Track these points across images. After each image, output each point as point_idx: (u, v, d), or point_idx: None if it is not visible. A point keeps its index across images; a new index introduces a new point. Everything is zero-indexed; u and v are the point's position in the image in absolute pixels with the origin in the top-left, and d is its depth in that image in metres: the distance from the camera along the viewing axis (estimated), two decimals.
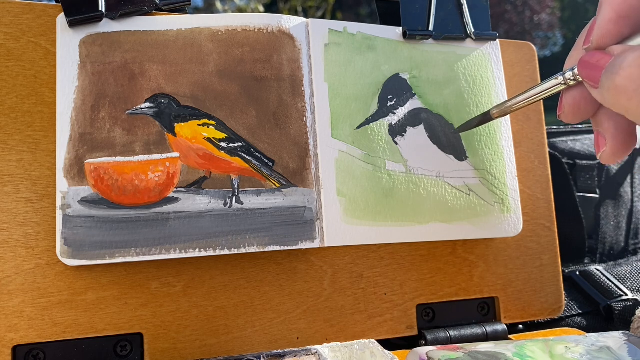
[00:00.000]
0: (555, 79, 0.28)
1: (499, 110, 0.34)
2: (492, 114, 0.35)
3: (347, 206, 0.35)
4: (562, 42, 6.90)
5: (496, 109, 0.35)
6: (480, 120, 0.37)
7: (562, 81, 0.28)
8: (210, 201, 0.33)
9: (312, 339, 0.36)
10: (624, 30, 0.25)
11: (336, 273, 0.37)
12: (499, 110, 0.34)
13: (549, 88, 0.29)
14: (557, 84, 0.28)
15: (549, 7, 6.83)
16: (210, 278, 0.35)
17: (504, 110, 0.34)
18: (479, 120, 0.37)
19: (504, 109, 0.34)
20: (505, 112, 0.34)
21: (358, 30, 0.38)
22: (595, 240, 0.62)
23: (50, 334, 0.32)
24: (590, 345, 0.31)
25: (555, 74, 0.29)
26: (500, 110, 0.34)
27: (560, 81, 0.28)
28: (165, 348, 0.33)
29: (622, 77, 0.23)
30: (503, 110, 0.34)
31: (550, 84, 0.29)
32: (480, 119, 0.37)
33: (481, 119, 0.37)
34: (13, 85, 0.32)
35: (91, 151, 0.32)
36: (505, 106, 0.34)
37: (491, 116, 0.35)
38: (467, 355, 0.29)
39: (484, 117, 0.36)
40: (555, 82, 0.29)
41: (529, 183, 0.42)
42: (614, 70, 0.23)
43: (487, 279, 0.41)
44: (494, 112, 0.35)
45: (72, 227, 0.31)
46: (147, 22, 0.34)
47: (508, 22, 6.75)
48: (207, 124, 0.34)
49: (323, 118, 0.36)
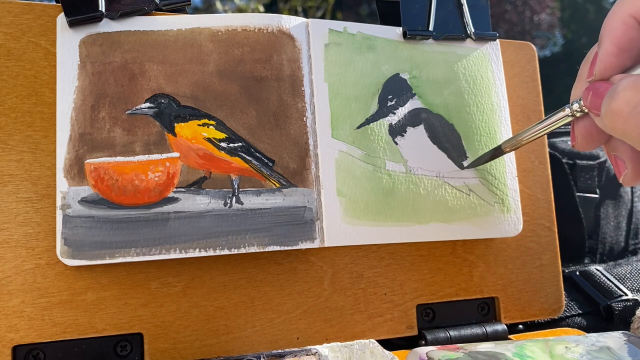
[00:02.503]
0: (563, 111, 0.30)
1: (510, 144, 0.36)
2: (504, 148, 0.36)
3: (347, 206, 0.35)
4: (562, 42, 6.90)
5: (507, 143, 0.36)
6: (492, 154, 0.38)
7: (570, 113, 0.29)
8: (210, 201, 0.33)
9: (312, 339, 0.36)
10: (625, 62, 0.26)
11: (336, 273, 0.37)
12: (510, 144, 0.36)
13: (557, 120, 0.31)
14: (565, 116, 0.30)
15: (549, 7, 6.83)
16: (210, 278, 0.35)
17: (515, 144, 0.35)
18: (490, 155, 0.38)
19: (514, 142, 0.35)
20: (516, 145, 0.35)
21: (358, 30, 0.38)
22: (595, 240, 0.62)
23: (50, 334, 0.32)
24: (590, 345, 0.31)
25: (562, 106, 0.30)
26: (511, 145, 0.35)
27: (567, 113, 0.29)
28: (165, 348, 0.33)
29: (617, 100, 0.24)
30: (514, 144, 0.35)
31: (558, 116, 0.30)
32: (492, 154, 0.38)
33: (493, 153, 0.37)
34: (13, 85, 0.32)
35: (91, 151, 0.32)
36: (516, 139, 0.35)
37: (502, 150, 0.36)
38: (467, 355, 0.29)
39: (495, 151, 0.37)
40: (563, 115, 0.30)
41: (529, 183, 0.42)
42: (611, 95, 0.24)
43: (487, 279, 0.41)
44: (505, 147, 0.36)
45: (72, 227, 0.31)
46: (147, 22, 0.34)
47: (508, 22, 6.74)
48: (207, 124, 0.34)
49: (323, 118, 0.36)
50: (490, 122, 0.40)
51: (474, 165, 0.39)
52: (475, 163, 0.39)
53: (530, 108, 0.43)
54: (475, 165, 0.39)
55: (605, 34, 0.26)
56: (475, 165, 0.39)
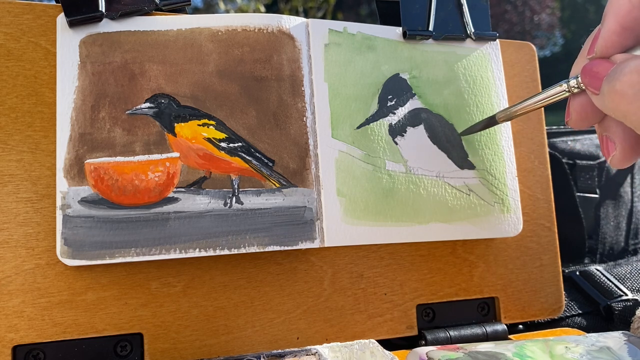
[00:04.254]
0: (560, 86, 0.29)
1: (504, 114, 0.35)
2: (498, 118, 0.35)
3: (347, 206, 0.35)
4: (562, 42, 6.90)
5: (502, 113, 0.35)
6: (485, 124, 0.37)
7: (567, 88, 0.29)
8: (210, 201, 0.33)
9: (312, 339, 0.36)
10: (627, 42, 0.26)
11: (336, 273, 0.37)
12: (504, 115, 0.35)
13: (553, 95, 0.30)
14: (562, 91, 0.29)
15: (549, 7, 6.83)
16: (210, 278, 0.35)
17: (509, 115, 0.35)
18: (484, 124, 0.37)
19: (508, 113, 0.34)
20: (510, 116, 0.35)
21: (358, 30, 0.38)
22: (595, 240, 0.62)
23: (50, 334, 0.32)
24: (590, 345, 0.31)
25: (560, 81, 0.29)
26: (506, 115, 0.35)
27: (564, 88, 0.29)
28: (165, 348, 0.33)
29: (622, 82, 0.24)
30: (508, 114, 0.35)
31: (554, 90, 0.30)
32: (485, 123, 0.37)
33: (486, 122, 0.37)
34: (13, 85, 0.32)
35: (91, 151, 0.32)
36: (510, 111, 0.34)
37: (496, 120, 0.36)
38: (467, 355, 0.29)
39: (489, 120, 0.37)
40: (560, 89, 0.29)
41: (529, 183, 0.42)
42: (615, 76, 0.24)
43: (487, 279, 0.41)
44: (499, 116, 0.35)
45: (72, 227, 0.31)
46: (147, 22, 0.34)
47: (508, 22, 6.75)
48: (207, 124, 0.34)
49: (323, 118, 0.36)
50: None
51: (466, 133, 0.38)
52: (468, 131, 0.38)
53: None
54: (468, 133, 0.38)
55: (610, 11, 0.25)
56: (467, 133, 0.38)
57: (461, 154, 0.39)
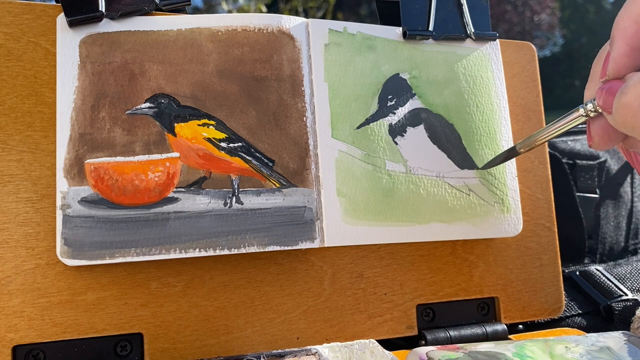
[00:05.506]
0: (577, 111, 0.29)
1: (524, 144, 0.35)
2: (518, 149, 0.36)
3: (347, 206, 0.35)
4: (562, 42, 6.90)
5: (521, 144, 0.35)
6: (506, 155, 0.37)
7: (584, 113, 0.29)
8: (210, 201, 0.33)
9: (312, 339, 0.36)
10: (638, 62, 0.26)
11: (336, 273, 0.37)
12: (525, 145, 0.35)
13: (571, 120, 0.30)
14: (579, 116, 0.29)
15: (549, 7, 6.83)
16: (210, 278, 0.35)
17: (529, 144, 0.35)
18: (504, 156, 0.37)
19: (529, 143, 0.35)
20: (531, 146, 0.35)
21: (358, 30, 0.38)
22: (595, 240, 0.62)
23: (50, 334, 0.32)
24: (590, 345, 0.31)
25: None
26: (526, 145, 0.35)
27: (581, 113, 0.29)
28: (165, 348, 0.33)
29: (628, 95, 0.24)
30: (528, 144, 0.35)
31: (572, 116, 0.30)
32: (505, 155, 0.37)
33: (506, 154, 0.37)
34: (13, 85, 0.32)
35: (91, 151, 0.32)
36: (530, 140, 0.35)
37: (517, 151, 0.36)
38: (467, 355, 0.29)
39: (509, 152, 0.37)
40: (577, 115, 0.30)
41: (529, 183, 0.42)
42: (623, 90, 0.24)
43: (487, 279, 0.41)
44: (520, 148, 0.36)
45: (72, 227, 0.31)
46: (147, 22, 0.34)
47: (508, 22, 6.75)
48: (207, 124, 0.34)
49: (323, 118, 0.36)
50: (490, 122, 0.40)
51: (489, 166, 0.39)
52: (491, 164, 0.39)
53: (530, 108, 0.43)
54: (491, 166, 0.39)
55: (617, 34, 0.26)
56: (490, 166, 0.39)
57: (461, 154, 0.39)
